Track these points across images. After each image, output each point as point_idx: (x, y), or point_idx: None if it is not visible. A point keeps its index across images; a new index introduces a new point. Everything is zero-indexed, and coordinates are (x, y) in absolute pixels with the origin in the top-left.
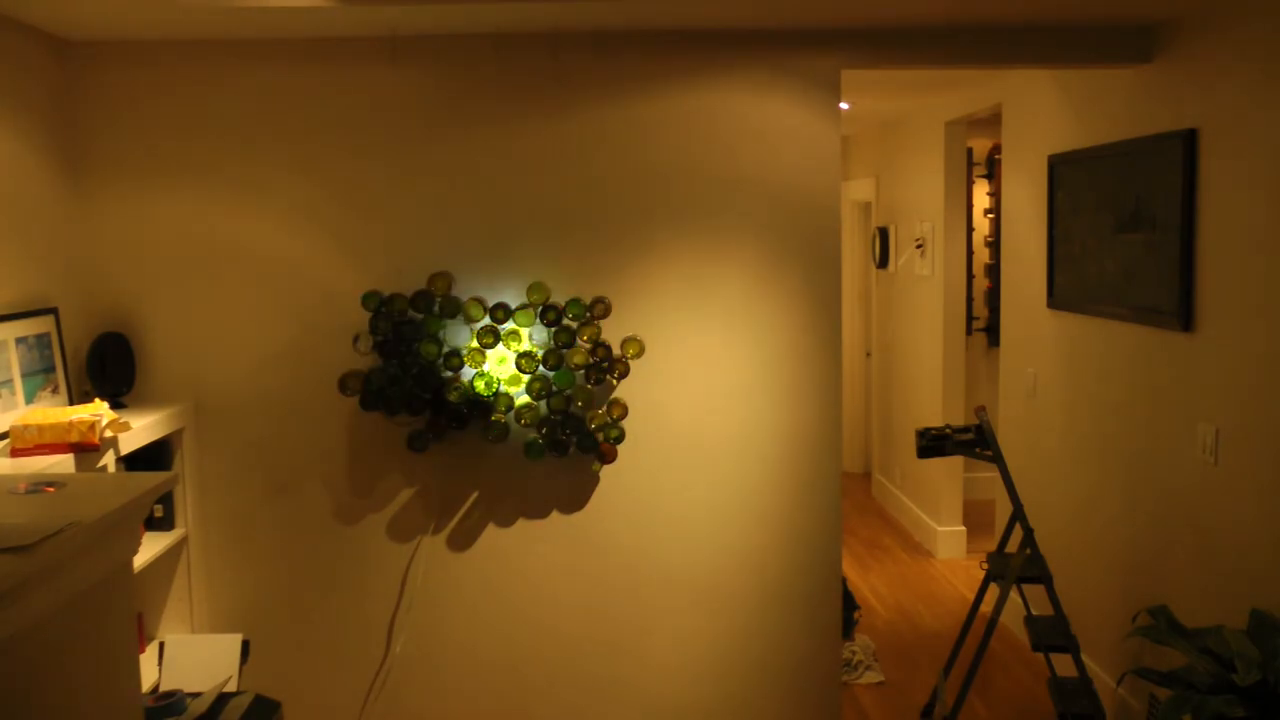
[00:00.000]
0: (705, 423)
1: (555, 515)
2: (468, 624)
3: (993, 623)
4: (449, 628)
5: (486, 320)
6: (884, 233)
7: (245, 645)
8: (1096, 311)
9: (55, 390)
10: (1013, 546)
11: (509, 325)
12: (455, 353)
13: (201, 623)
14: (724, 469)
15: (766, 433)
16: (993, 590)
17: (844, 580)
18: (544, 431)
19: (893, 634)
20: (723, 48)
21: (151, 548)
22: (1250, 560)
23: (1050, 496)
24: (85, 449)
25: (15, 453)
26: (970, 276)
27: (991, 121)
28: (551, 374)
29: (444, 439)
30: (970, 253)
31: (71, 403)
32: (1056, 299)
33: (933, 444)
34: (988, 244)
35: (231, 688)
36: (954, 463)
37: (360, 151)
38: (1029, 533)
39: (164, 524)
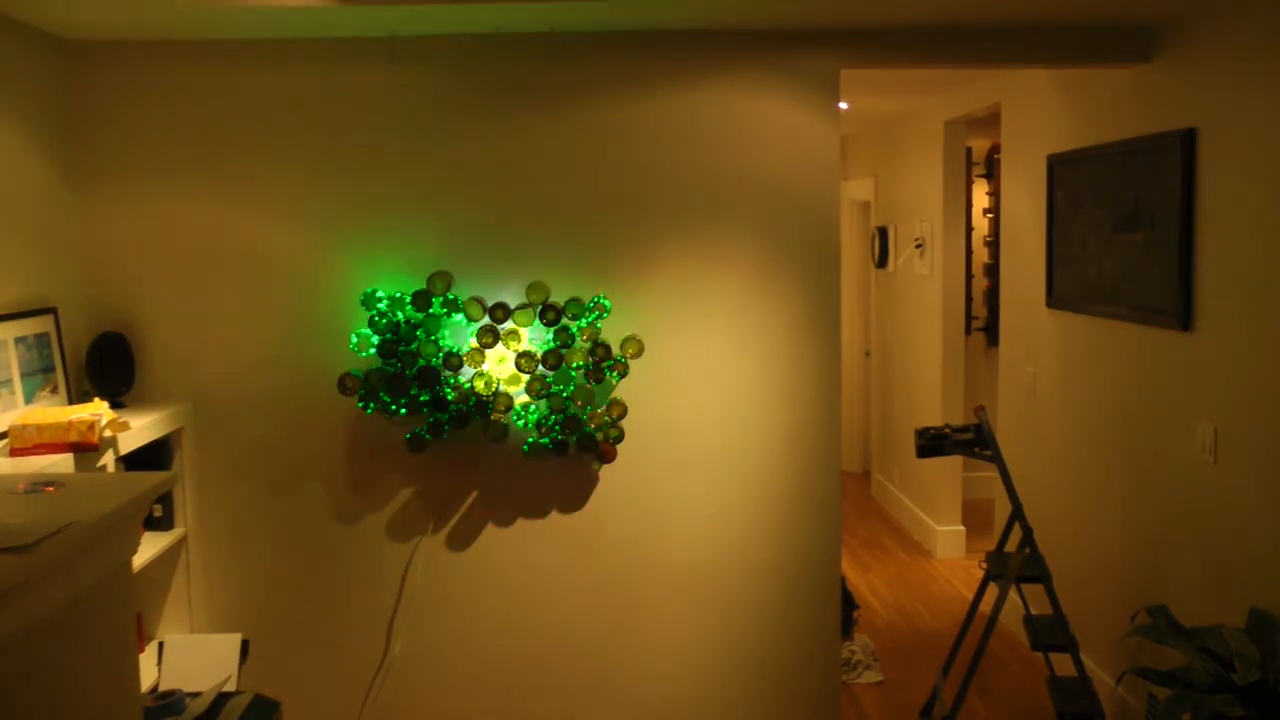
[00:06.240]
0: (705, 422)
1: (555, 515)
2: (467, 624)
3: (992, 622)
4: (448, 627)
5: (486, 320)
6: (883, 232)
7: (245, 645)
8: (1096, 311)
9: (55, 390)
10: (1012, 546)
11: (509, 325)
12: (455, 353)
13: (201, 622)
14: (723, 469)
15: (766, 432)
16: (992, 590)
17: (843, 580)
18: (544, 431)
19: (892, 634)
20: (722, 48)
21: (151, 548)
22: (1250, 560)
23: (1050, 496)
24: (85, 449)
25: (15, 452)
26: (969, 276)
27: (991, 121)
28: (551, 374)
29: (444, 439)
30: (969, 252)
31: (71, 402)
32: (1056, 298)
33: (932, 444)
34: (987, 244)
35: (231, 688)
36: (953, 462)
37: (360, 152)
38: (1028, 532)
39: (164, 524)
